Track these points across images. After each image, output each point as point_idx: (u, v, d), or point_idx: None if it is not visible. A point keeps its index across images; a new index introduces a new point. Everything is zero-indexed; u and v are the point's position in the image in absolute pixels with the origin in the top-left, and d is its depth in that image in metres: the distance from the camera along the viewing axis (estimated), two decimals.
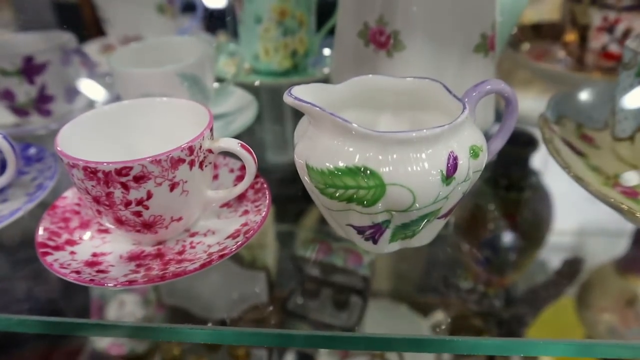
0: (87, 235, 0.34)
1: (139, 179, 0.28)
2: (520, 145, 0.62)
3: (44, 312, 0.35)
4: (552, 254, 0.59)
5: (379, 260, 0.62)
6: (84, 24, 0.75)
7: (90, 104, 0.52)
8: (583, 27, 0.53)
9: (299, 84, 0.32)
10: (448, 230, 0.55)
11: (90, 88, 0.54)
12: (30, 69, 0.46)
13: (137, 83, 0.42)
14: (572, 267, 0.59)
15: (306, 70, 0.58)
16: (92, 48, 0.66)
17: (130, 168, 0.27)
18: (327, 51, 0.60)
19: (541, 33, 0.62)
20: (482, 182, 0.59)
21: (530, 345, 0.35)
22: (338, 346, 0.52)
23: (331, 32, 0.60)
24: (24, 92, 0.46)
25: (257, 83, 0.56)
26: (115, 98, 0.51)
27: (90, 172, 0.28)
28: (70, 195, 0.36)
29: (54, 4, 0.97)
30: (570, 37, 0.55)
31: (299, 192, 0.34)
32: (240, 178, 0.37)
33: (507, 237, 0.58)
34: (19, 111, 0.48)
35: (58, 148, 0.29)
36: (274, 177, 0.42)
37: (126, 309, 0.67)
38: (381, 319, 0.73)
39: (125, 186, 0.28)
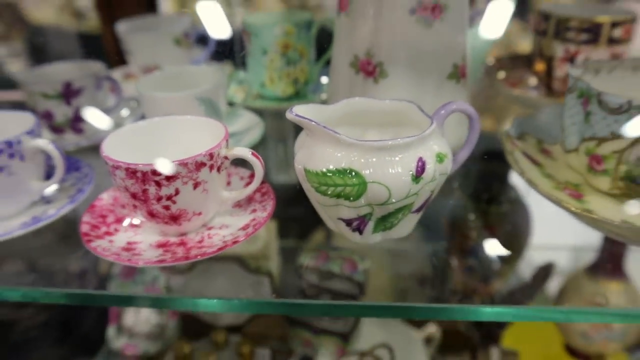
0: (121, 228, 0.40)
1: (170, 178, 0.35)
2: (501, 162, 0.69)
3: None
4: (528, 261, 0.65)
5: (372, 268, 0.68)
6: (107, 54, 0.83)
7: (117, 125, 0.59)
8: (549, 58, 0.60)
9: None
10: (438, 243, 0.60)
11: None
12: (68, 93, 0.53)
13: (161, 105, 0.49)
14: (546, 273, 0.65)
15: (307, 96, 0.65)
16: (115, 75, 0.73)
17: None
18: (324, 79, 0.68)
19: (516, 63, 0.69)
20: (467, 197, 0.66)
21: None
22: (343, 314, 0.59)
23: (328, 62, 0.68)
24: (62, 113, 0.54)
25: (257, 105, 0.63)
26: (140, 118, 0.59)
27: (131, 172, 0.34)
28: (105, 197, 0.43)
29: (80, 36, 1.06)
30: (539, 66, 0.63)
31: (304, 206, 0.40)
32: (249, 184, 0.44)
33: (489, 245, 0.63)
34: (56, 129, 0.55)
35: (104, 154, 0.36)
36: (277, 192, 0.48)
37: (142, 315, 0.73)
38: (374, 321, 0.79)
39: (158, 184, 0.35)
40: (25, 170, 0.42)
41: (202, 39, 0.73)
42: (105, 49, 0.83)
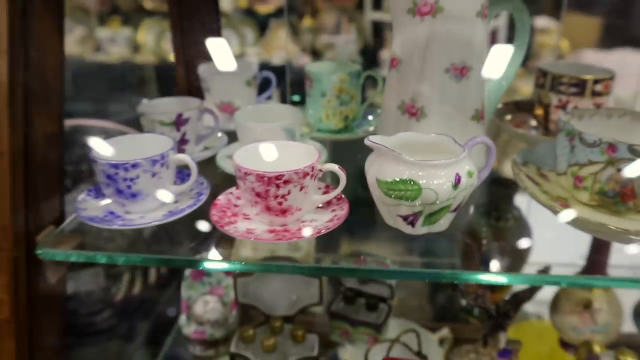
0: (238, 220, 0.56)
1: (286, 182, 0.51)
2: (508, 188, 0.84)
3: None
4: (526, 268, 0.80)
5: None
6: (180, 89, 1.00)
7: (207, 148, 0.75)
8: (546, 105, 0.77)
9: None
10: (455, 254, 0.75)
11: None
12: (179, 121, 0.69)
13: (254, 132, 0.65)
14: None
15: (353, 129, 0.82)
16: None
17: (283, 175, 0.50)
18: (370, 117, 0.85)
19: (520, 108, 0.86)
20: (479, 214, 0.81)
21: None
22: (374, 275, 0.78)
23: (370, 104, 0.85)
24: (172, 136, 0.70)
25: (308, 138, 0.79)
26: (227, 142, 0.75)
27: (260, 177, 0.50)
28: (222, 199, 0.59)
29: (100, 67, 1.22)
30: (539, 111, 0.79)
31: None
32: (325, 193, 0.60)
33: (497, 254, 0.77)
34: None
35: (236, 163, 0.52)
36: None
37: (209, 306, 0.88)
38: (400, 322, 0.94)
39: (277, 186, 0.51)
40: (167, 176, 0.58)
41: (266, 81, 0.90)
42: (179, 86, 1.00)
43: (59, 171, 0.59)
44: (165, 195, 0.58)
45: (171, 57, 1.00)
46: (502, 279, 0.55)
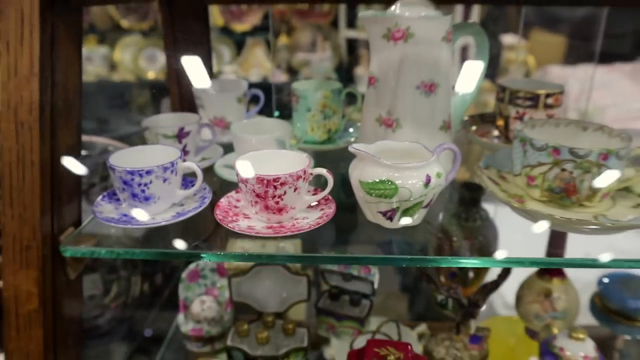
0: (240, 218, 0.64)
1: (282, 184, 0.59)
2: (475, 192, 0.94)
3: None
4: (492, 262, 0.89)
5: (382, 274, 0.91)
6: (175, 106, 1.07)
7: (204, 159, 0.83)
8: (506, 117, 0.87)
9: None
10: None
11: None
12: (181, 134, 0.77)
13: (249, 143, 0.73)
14: (506, 273, 0.89)
15: (336, 141, 0.91)
16: None
17: (279, 178, 0.59)
18: (350, 130, 0.94)
19: (484, 119, 0.96)
20: (450, 216, 0.90)
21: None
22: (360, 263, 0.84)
23: (350, 118, 0.94)
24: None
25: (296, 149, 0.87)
26: (222, 153, 0.83)
27: (260, 179, 0.59)
28: (223, 201, 0.67)
29: (134, 92, 1.29)
30: (500, 122, 0.89)
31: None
32: (313, 194, 0.68)
33: (466, 250, 0.86)
34: None
35: (236, 168, 0.60)
36: None
37: (206, 305, 0.95)
38: (383, 308, 1.02)
39: (275, 187, 0.59)
40: (175, 182, 0.66)
41: (254, 98, 0.98)
42: (174, 103, 1.08)
43: (78, 179, 0.66)
44: (171, 199, 0.66)
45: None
46: (469, 262, 0.64)
